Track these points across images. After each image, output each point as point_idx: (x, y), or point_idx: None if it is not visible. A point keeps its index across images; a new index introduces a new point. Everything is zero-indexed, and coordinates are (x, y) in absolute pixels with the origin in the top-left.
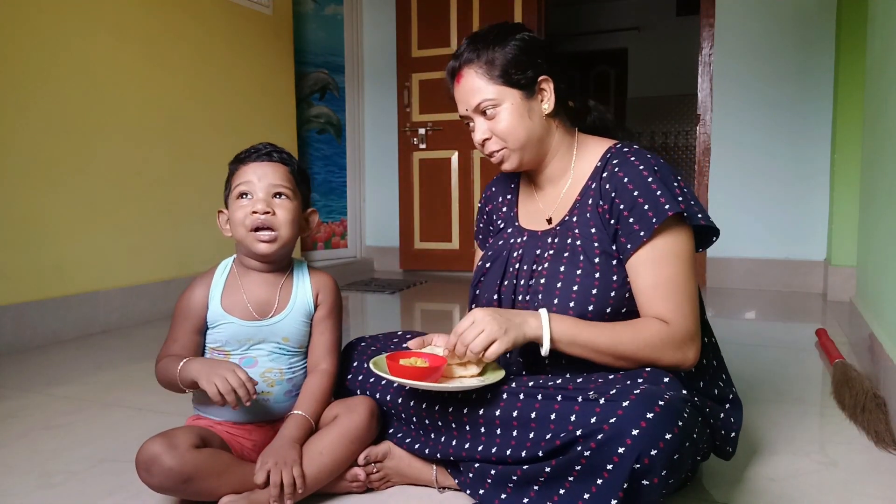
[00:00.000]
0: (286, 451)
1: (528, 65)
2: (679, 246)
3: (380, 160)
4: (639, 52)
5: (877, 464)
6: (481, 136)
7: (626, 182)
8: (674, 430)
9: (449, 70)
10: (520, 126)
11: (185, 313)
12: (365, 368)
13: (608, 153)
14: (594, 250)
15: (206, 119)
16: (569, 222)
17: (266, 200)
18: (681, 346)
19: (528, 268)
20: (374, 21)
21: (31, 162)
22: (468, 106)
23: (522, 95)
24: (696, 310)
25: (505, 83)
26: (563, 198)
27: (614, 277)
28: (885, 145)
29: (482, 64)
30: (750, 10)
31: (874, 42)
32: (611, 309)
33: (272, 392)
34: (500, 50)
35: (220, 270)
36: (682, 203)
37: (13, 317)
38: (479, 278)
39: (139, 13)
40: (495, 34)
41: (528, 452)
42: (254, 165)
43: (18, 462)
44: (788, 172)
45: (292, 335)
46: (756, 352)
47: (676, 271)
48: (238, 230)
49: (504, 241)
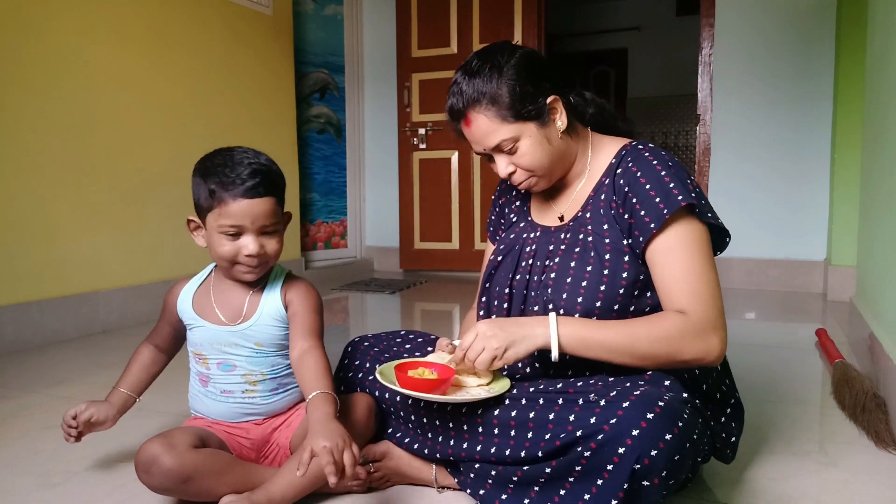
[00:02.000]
0: (334, 432)
1: (535, 94)
2: (693, 235)
3: (380, 160)
4: (639, 52)
5: (877, 464)
6: (506, 170)
7: (638, 176)
8: (674, 431)
9: (452, 111)
10: (543, 154)
11: (165, 306)
12: (367, 368)
13: (623, 150)
14: (605, 246)
15: (206, 119)
16: (581, 218)
17: (257, 241)
18: (702, 336)
19: (541, 263)
20: (374, 21)
21: (32, 162)
22: (485, 146)
23: (538, 125)
24: (717, 298)
25: (518, 119)
26: (576, 195)
27: (624, 274)
28: (886, 145)
29: (489, 105)
30: (750, 10)
31: (874, 42)
32: (618, 306)
33: (256, 390)
34: (502, 84)
35: (200, 275)
36: (694, 197)
37: (13, 317)
38: (490, 270)
39: (139, 13)
40: (490, 65)
41: (528, 453)
42: (244, 205)
43: (18, 462)
44: (788, 172)
45: (265, 340)
46: (756, 352)
47: (692, 259)
48: (221, 261)
49: (517, 234)
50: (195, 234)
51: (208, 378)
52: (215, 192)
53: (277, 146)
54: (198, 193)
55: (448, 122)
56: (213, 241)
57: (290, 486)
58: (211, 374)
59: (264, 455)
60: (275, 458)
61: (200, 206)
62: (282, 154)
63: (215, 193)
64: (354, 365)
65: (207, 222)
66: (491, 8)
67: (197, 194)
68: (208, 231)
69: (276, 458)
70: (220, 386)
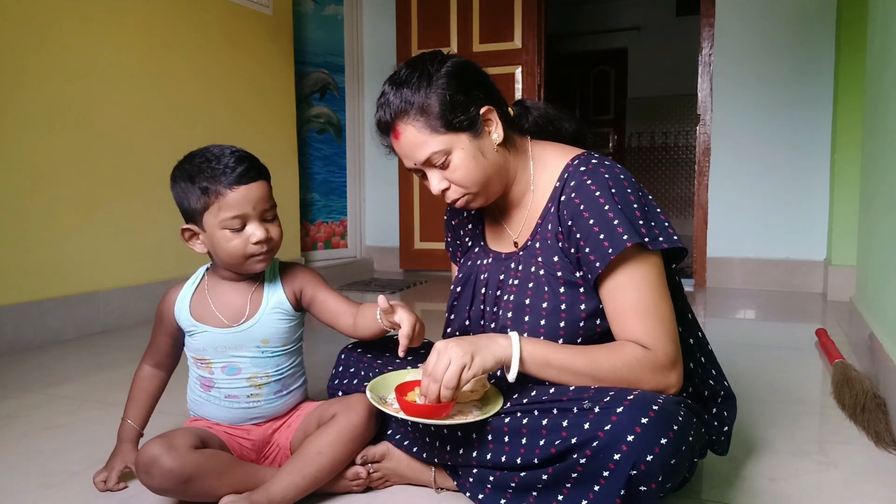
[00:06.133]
0: (413, 312)
1: (466, 103)
2: (642, 271)
3: (380, 160)
4: (639, 52)
5: (877, 464)
6: (439, 186)
7: (581, 209)
8: (669, 435)
9: (379, 124)
10: (477, 168)
11: (160, 317)
12: (361, 375)
13: (566, 172)
14: (558, 281)
15: (206, 119)
16: (531, 248)
17: (262, 227)
18: (662, 371)
19: (494, 293)
20: (374, 21)
21: (32, 162)
22: (415, 161)
23: (470, 136)
24: (672, 333)
25: (449, 130)
26: (527, 219)
27: (582, 307)
28: (886, 145)
29: (418, 116)
30: (750, 10)
31: (874, 42)
32: (581, 340)
33: (260, 394)
34: (431, 94)
35: (193, 279)
36: (643, 227)
37: (13, 317)
38: (452, 302)
39: (139, 14)
40: (418, 76)
41: (523, 459)
42: (242, 191)
43: (18, 462)
44: (788, 172)
45: (272, 336)
46: (756, 352)
47: (643, 296)
48: (232, 259)
49: (472, 262)
50: (192, 243)
51: (212, 383)
52: (208, 188)
53: (277, 146)
54: (187, 198)
55: (378, 137)
56: (218, 241)
57: (290, 486)
58: (215, 378)
59: (264, 455)
60: (275, 459)
61: (193, 211)
62: (282, 154)
63: (209, 190)
64: (349, 372)
65: (206, 223)
66: (491, 8)
67: (186, 200)
68: (209, 233)
69: (276, 458)
70: (225, 391)
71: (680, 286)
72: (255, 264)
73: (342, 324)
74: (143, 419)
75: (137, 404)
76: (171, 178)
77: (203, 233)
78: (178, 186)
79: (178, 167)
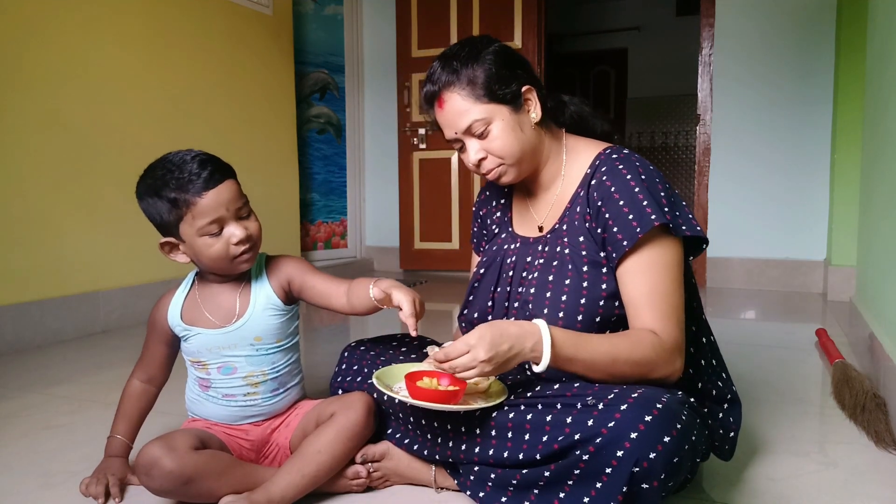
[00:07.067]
0: (409, 290)
1: (510, 78)
2: (665, 256)
3: (380, 160)
4: (639, 52)
5: (877, 464)
6: (476, 156)
7: (612, 191)
8: (672, 433)
9: (427, 95)
10: (514, 140)
11: (152, 326)
12: (364, 372)
13: (598, 159)
14: (582, 259)
15: (206, 119)
16: (559, 231)
17: (240, 225)
18: (671, 359)
19: (519, 275)
20: (374, 21)
21: (32, 162)
22: (457, 129)
23: (511, 109)
24: (681, 321)
25: (492, 100)
26: (554, 205)
27: (603, 286)
28: (886, 145)
29: (464, 84)
30: (750, 10)
31: (874, 42)
32: (600, 318)
33: (257, 392)
34: (478, 67)
35: (184, 285)
36: (668, 213)
37: (13, 317)
38: (474, 283)
39: (139, 14)
40: (468, 51)
41: (526, 455)
42: (212, 195)
43: (18, 462)
44: (788, 172)
45: (264, 333)
46: (756, 352)
47: (662, 281)
48: (217, 263)
49: (498, 246)
50: (173, 255)
51: (209, 383)
52: (177, 199)
53: (277, 146)
54: (157, 212)
55: (422, 111)
56: (199, 248)
57: (289, 485)
58: (212, 378)
59: (264, 455)
60: (274, 459)
61: (167, 224)
62: (282, 154)
63: (178, 200)
64: (353, 370)
65: (183, 233)
66: (491, 8)
67: (156, 214)
68: (188, 242)
69: (275, 458)
70: (222, 390)
71: (695, 288)
72: (241, 264)
73: (336, 304)
74: (132, 434)
75: (126, 420)
76: (137, 194)
77: (183, 243)
78: (146, 202)
79: (140, 182)
